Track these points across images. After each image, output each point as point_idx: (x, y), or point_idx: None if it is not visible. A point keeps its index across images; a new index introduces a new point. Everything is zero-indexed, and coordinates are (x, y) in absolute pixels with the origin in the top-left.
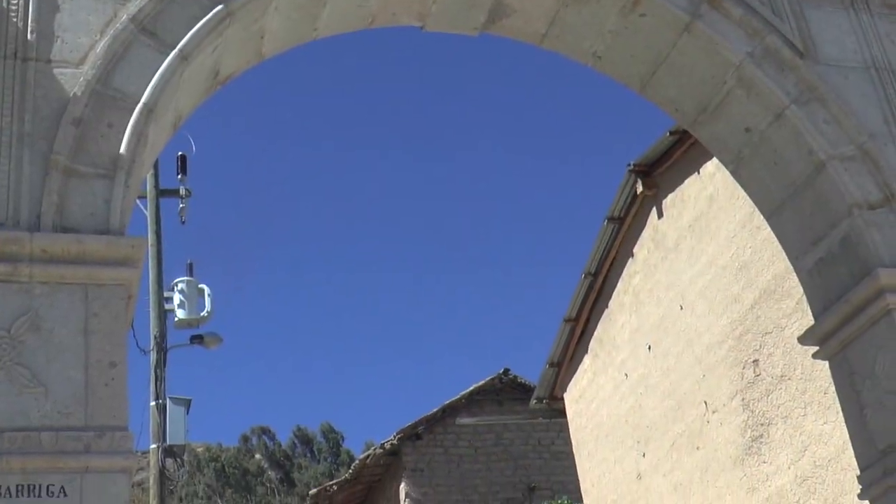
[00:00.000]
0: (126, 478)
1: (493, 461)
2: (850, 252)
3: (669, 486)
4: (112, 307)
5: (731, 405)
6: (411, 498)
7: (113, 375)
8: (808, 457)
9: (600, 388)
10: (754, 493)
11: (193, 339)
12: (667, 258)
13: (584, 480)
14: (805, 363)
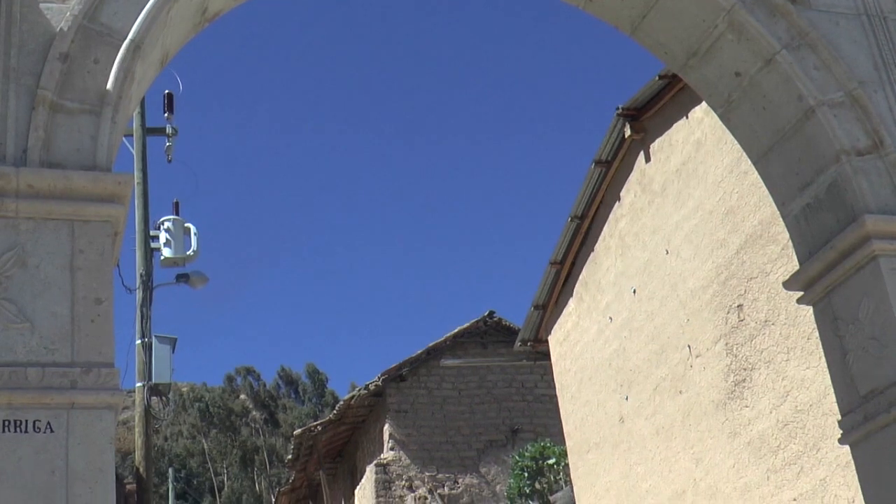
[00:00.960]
0: (112, 414)
1: (476, 403)
2: (837, 198)
3: (652, 429)
4: (98, 244)
5: (714, 349)
6: (395, 439)
7: (99, 312)
8: (790, 402)
9: (585, 331)
10: (736, 438)
11: (179, 278)
12: (653, 202)
13: (566, 423)
14: (789, 308)
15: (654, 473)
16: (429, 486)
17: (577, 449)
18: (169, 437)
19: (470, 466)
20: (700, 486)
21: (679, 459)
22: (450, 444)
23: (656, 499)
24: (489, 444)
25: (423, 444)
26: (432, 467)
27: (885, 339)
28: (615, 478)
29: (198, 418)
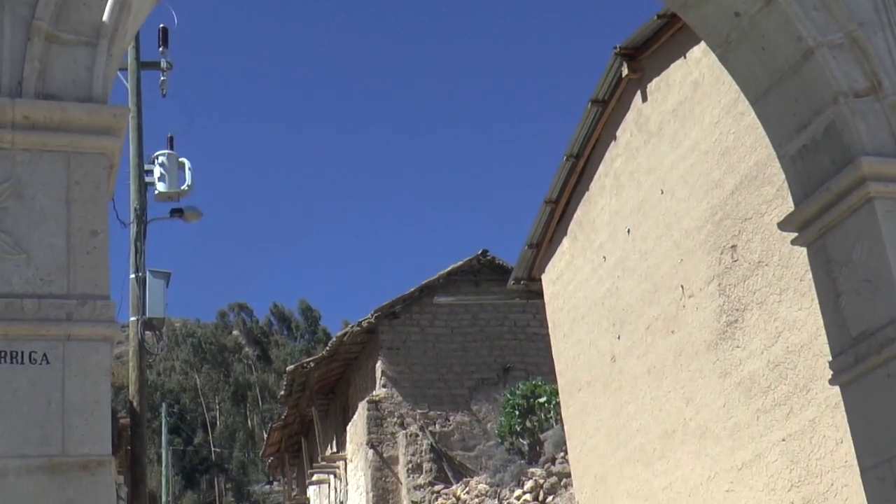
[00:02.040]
0: (108, 346)
1: (468, 341)
2: (834, 140)
3: (643, 368)
4: (94, 176)
5: (707, 290)
6: (387, 376)
7: (95, 244)
8: (782, 342)
9: (578, 270)
10: (727, 378)
11: (173, 213)
12: (649, 142)
13: (558, 361)
14: (783, 250)
15: (644, 412)
16: (420, 424)
17: (569, 387)
18: (162, 372)
19: (461, 404)
20: (690, 426)
21: (670, 399)
22: (442, 382)
23: (646, 437)
24: (481, 382)
25: (415, 382)
26: (424, 405)
27: (878, 281)
28: (606, 416)
29: (191, 354)
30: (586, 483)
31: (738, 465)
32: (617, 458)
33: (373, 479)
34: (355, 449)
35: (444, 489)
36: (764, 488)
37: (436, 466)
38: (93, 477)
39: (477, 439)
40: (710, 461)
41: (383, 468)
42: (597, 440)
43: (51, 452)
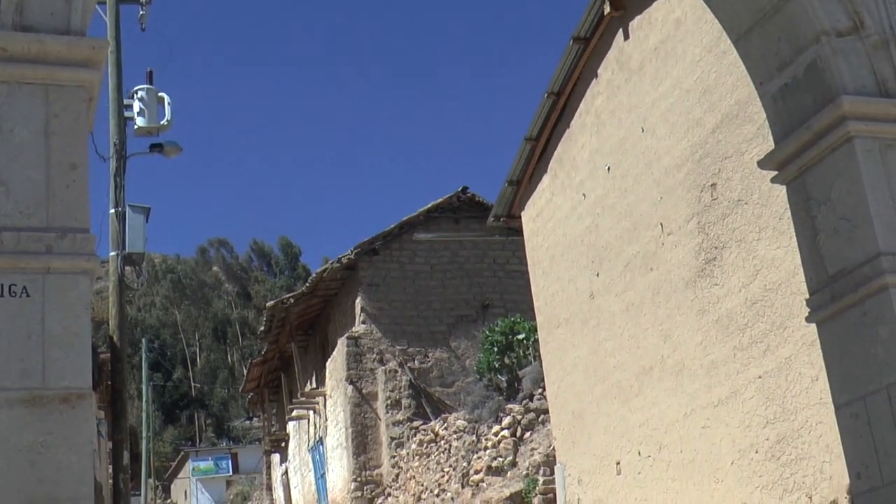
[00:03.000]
0: (88, 280)
1: (448, 278)
2: (815, 79)
3: (621, 305)
4: (73, 109)
5: (686, 228)
6: (367, 312)
7: (74, 177)
8: (759, 280)
9: (558, 207)
10: (704, 315)
11: (153, 148)
12: (630, 80)
13: (537, 299)
14: (762, 188)
15: (622, 349)
16: (399, 360)
17: (547, 324)
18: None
19: (440, 341)
20: (667, 363)
21: (647, 336)
22: (421, 319)
23: (624, 374)
24: (460, 319)
25: (395, 318)
26: (403, 341)
27: (856, 219)
28: (584, 353)
29: (171, 290)
30: (564, 419)
31: (714, 402)
32: (594, 395)
33: (352, 414)
34: (335, 385)
35: (422, 425)
36: (739, 425)
37: (414, 402)
38: (73, 410)
39: (455, 376)
40: (686, 398)
41: (362, 404)
42: (574, 377)
43: (31, 385)
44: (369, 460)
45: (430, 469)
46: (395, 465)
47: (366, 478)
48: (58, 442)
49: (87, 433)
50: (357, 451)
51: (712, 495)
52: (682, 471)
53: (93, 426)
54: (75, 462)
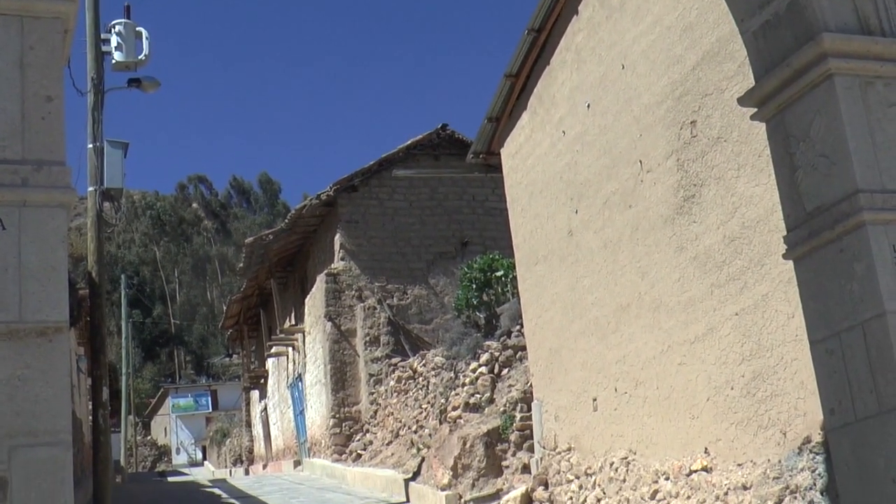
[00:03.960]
0: (64, 213)
1: (427, 215)
2: (797, 16)
3: (600, 242)
4: (48, 41)
5: (665, 165)
6: (346, 249)
7: (49, 109)
8: (738, 218)
9: (537, 144)
10: (682, 252)
11: (131, 83)
12: (611, 17)
13: (516, 235)
14: (742, 126)
15: (600, 286)
16: (378, 297)
17: (526, 261)
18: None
19: (419, 277)
20: (645, 300)
21: (625, 273)
22: (400, 256)
23: (601, 311)
24: (438, 256)
25: (374, 255)
26: (382, 278)
27: (834, 156)
28: (562, 290)
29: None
30: (541, 356)
31: (690, 339)
32: (572, 331)
33: (331, 351)
34: (313, 321)
35: (400, 361)
36: (716, 361)
37: (393, 339)
38: (50, 343)
39: (434, 312)
40: (663, 334)
41: (341, 340)
42: (552, 313)
43: (7, 319)
44: (348, 397)
45: (408, 405)
46: (373, 402)
47: (344, 414)
48: (35, 375)
49: (65, 367)
50: (336, 388)
51: (688, 431)
52: (657, 407)
53: (70, 359)
54: (53, 395)
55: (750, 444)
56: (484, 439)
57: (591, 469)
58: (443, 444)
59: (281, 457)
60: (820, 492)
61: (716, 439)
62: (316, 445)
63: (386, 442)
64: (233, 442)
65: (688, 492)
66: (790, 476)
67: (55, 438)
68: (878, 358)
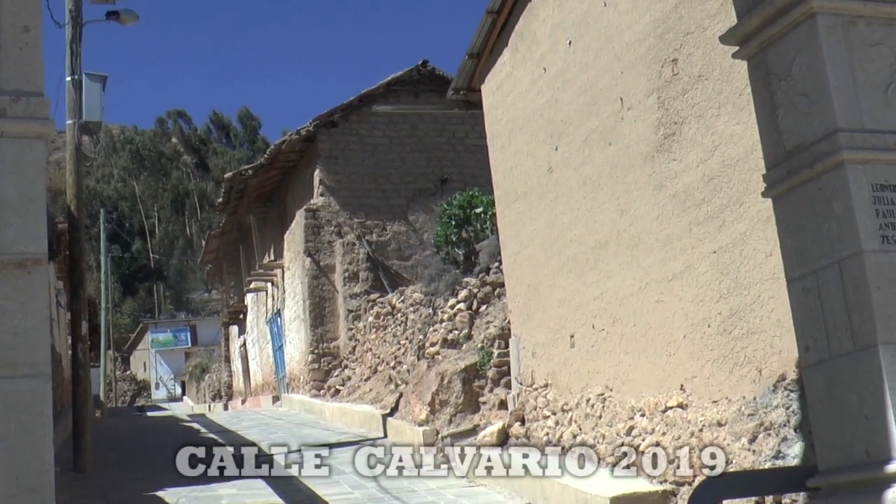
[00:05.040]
0: (42, 144)
1: (407, 152)
2: None
3: (579, 179)
4: None
5: (646, 103)
6: (325, 185)
7: (27, 40)
8: (718, 156)
9: (518, 81)
10: (661, 190)
11: (109, 15)
12: None
13: (495, 172)
14: (724, 64)
15: (579, 223)
16: (357, 233)
17: (505, 198)
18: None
19: (398, 214)
20: (623, 237)
21: (604, 210)
22: (379, 192)
23: (580, 248)
24: (418, 193)
25: (353, 191)
26: (361, 214)
27: (815, 95)
28: (540, 227)
29: (129, 161)
30: (519, 292)
31: (668, 277)
32: (550, 268)
33: (310, 287)
34: (292, 257)
35: (379, 297)
36: (693, 299)
37: (372, 275)
38: (29, 275)
39: (413, 249)
40: (641, 272)
41: (320, 276)
42: (531, 250)
43: None
44: (326, 332)
45: (387, 341)
46: (351, 338)
47: (323, 350)
48: (14, 307)
49: (44, 299)
50: (314, 324)
51: (664, 368)
52: (634, 344)
53: (48, 292)
54: (32, 327)
55: (725, 381)
56: (462, 375)
57: (567, 405)
58: (421, 379)
59: (260, 392)
60: (793, 428)
61: (692, 376)
62: (294, 381)
63: (364, 377)
64: (212, 377)
65: (663, 428)
66: (764, 413)
67: (34, 370)
68: (853, 296)
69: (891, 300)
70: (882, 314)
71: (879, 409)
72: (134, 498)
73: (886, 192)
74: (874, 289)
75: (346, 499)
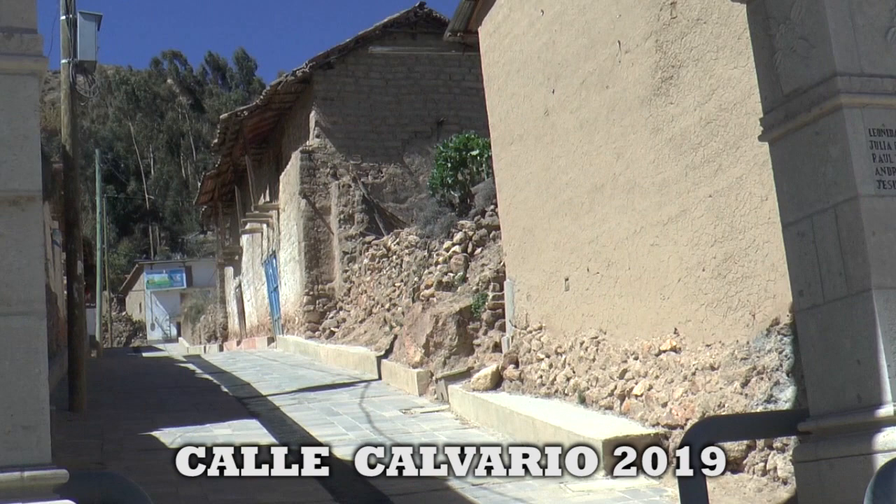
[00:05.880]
0: (36, 81)
1: (403, 94)
2: None
3: (576, 122)
4: None
5: (644, 46)
6: (321, 126)
7: None
8: (715, 100)
9: (515, 23)
10: (658, 134)
11: None
12: None
13: (492, 115)
14: (722, 8)
15: (574, 166)
16: (353, 175)
17: (501, 141)
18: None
19: (394, 156)
20: (619, 180)
21: (600, 153)
22: (375, 134)
23: (575, 191)
24: (414, 135)
25: (349, 133)
26: (357, 156)
27: (814, 39)
28: (536, 170)
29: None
30: (514, 235)
31: (663, 220)
32: (545, 211)
33: (305, 228)
34: (288, 199)
35: (374, 240)
36: (688, 243)
37: (367, 217)
38: (23, 212)
39: (408, 191)
40: (636, 215)
41: (315, 218)
42: (526, 193)
43: None
44: (321, 274)
45: (382, 283)
46: (346, 280)
47: (318, 291)
48: (8, 245)
49: (38, 236)
50: (309, 265)
51: (657, 312)
52: (629, 287)
53: (45, 232)
54: (26, 265)
55: (719, 325)
56: (456, 318)
57: (561, 348)
58: (415, 322)
59: (255, 333)
60: (786, 373)
61: (685, 320)
62: (289, 322)
63: (359, 319)
64: (207, 318)
65: (656, 371)
66: (757, 357)
67: (29, 308)
68: (848, 241)
69: (885, 245)
70: (876, 259)
71: (872, 354)
72: (129, 437)
73: (883, 137)
74: (869, 233)
75: (340, 439)
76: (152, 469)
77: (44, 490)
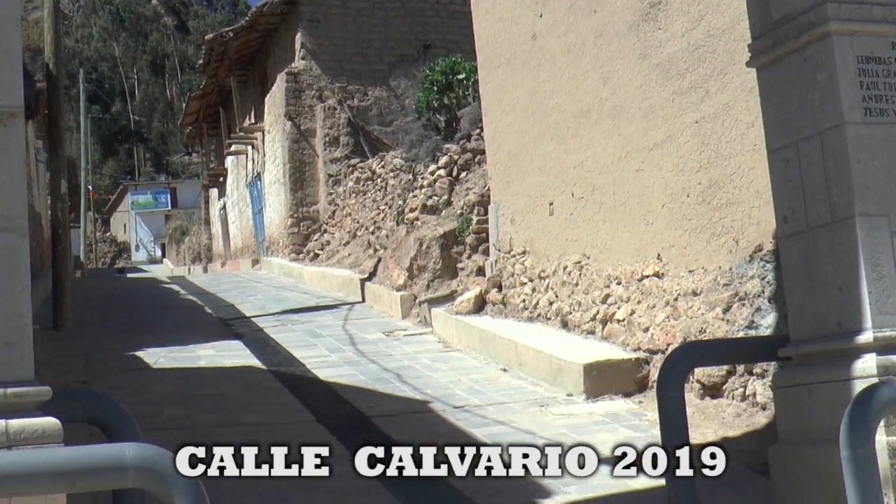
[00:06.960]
0: None
1: (390, 17)
2: None
3: (563, 47)
4: None
5: None
6: (306, 48)
7: None
8: (703, 26)
9: None
10: (645, 59)
11: None
12: None
13: (478, 38)
14: None
15: (561, 91)
16: (338, 97)
17: (488, 64)
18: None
19: (380, 79)
20: (606, 105)
21: (587, 78)
22: (361, 57)
23: (562, 116)
24: (400, 58)
25: (335, 56)
26: (343, 78)
27: None
28: (523, 94)
29: (109, 22)
30: (500, 159)
31: (649, 146)
32: (531, 136)
33: (290, 150)
34: (273, 120)
35: (359, 163)
36: (673, 169)
37: (352, 140)
38: (5, 128)
39: (394, 115)
40: (622, 141)
41: (300, 140)
42: (512, 117)
43: None
44: (306, 197)
45: (366, 206)
46: (331, 202)
47: (302, 214)
48: None
49: (20, 153)
50: (294, 188)
51: (641, 237)
52: (613, 213)
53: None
54: (8, 181)
55: (702, 251)
56: (440, 241)
57: (544, 272)
58: (399, 245)
59: (239, 255)
60: (768, 299)
61: (669, 246)
62: (274, 244)
63: (343, 242)
64: (192, 240)
65: (639, 296)
66: (740, 283)
67: (11, 224)
68: (833, 168)
69: (870, 172)
70: (861, 186)
71: (853, 281)
72: (114, 357)
73: (871, 65)
74: (854, 161)
75: (323, 361)
76: (137, 388)
77: (27, 407)
